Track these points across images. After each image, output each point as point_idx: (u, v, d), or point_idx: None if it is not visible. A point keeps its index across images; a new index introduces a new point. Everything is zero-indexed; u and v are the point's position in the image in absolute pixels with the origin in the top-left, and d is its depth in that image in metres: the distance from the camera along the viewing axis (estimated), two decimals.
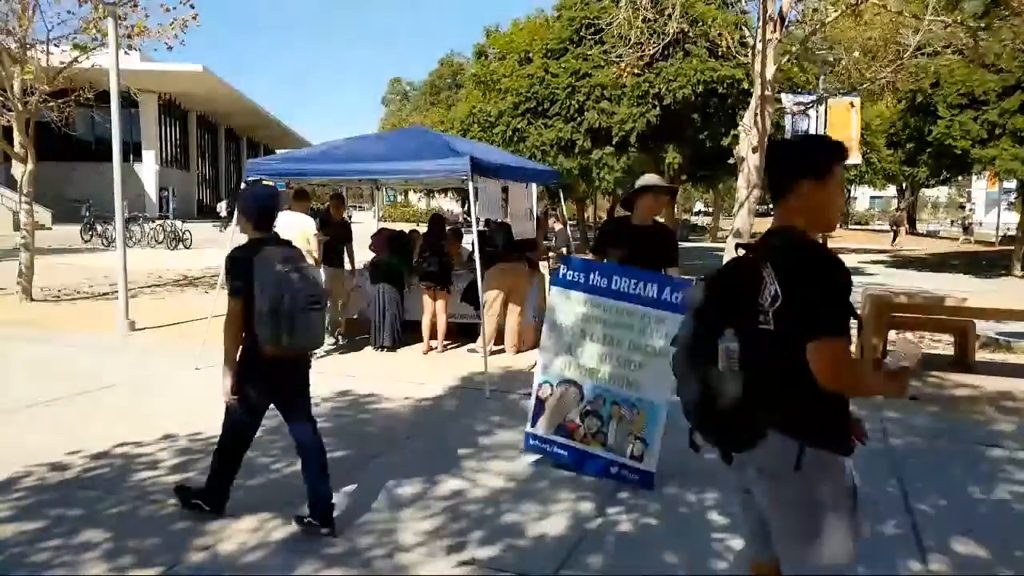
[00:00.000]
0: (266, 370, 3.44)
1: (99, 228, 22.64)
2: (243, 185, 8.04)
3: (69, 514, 3.71)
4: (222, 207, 29.45)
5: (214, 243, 22.40)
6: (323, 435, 5.08)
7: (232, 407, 3.53)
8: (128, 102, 16.32)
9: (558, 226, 14.51)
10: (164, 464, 4.42)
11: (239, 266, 3.34)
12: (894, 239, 34.24)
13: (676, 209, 21.65)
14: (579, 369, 4.35)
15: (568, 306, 4.39)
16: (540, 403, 4.44)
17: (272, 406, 3.66)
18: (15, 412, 5.45)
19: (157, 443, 4.77)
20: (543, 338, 4.59)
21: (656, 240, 4.46)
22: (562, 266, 4.46)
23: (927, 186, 34.78)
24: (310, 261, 7.26)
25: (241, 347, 3.43)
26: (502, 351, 7.75)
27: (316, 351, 7.68)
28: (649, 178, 4.64)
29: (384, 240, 8.15)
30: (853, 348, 8.02)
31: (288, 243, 3.55)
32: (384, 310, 7.86)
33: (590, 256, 4.77)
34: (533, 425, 4.45)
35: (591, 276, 4.34)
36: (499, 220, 9.10)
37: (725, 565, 3.31)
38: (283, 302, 3.21)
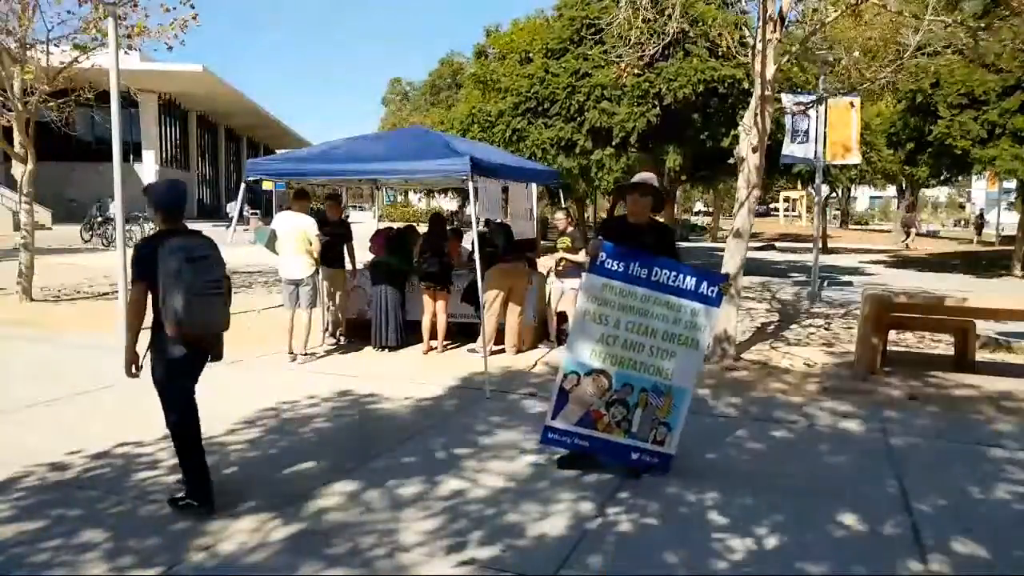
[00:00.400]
0: (176, 350, 3.67)
1: (99, 228, 22.64)
2: (243, 185, 8.06)
3: (69, 514, 3.71)
4: (233, 207, 29.40)
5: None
6: (324, 435, 5.11)
7: (164, 394, 3.77)
8: (128, 102, 16.29)
9: (569, 228, 14.48)
10: (164, 464, 4.42)
11: (143, 254, 3.60)
12: (906, 239, 34.09)
13: (676, 209, 21.64)
14: (611, 358, 4.33)
15: (606, 295, 4.34)
16: (564, 394, 4.37)
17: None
18: (15, 412, 5.46)
19: (157, 443, 4.77)
20: (573, 328, 4.59)
21: (656, 237, 4.47)
22: (602, 254, 4.37)
23: (927, 186, 34.75)
24: (311, 260, 7.32)
25: (153, 330, 3.69)
26: (502, 351, 7.76)
27: (316, 350, 7.73)
28: (639, 176, 4.69)
29: (383, 240, 8.14)
30: (853, 348, 8.03)
31: (196, 233, 3.80)
32: (387, 311, 7.87)
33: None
34: (554, 417, 4.39)
35: (631, 266, 4.33)
36: (499, 220, 9.11)
37: (725, 565, 3.31)
38: (182, 287, 3.48)
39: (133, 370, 3.77)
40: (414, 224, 8.81)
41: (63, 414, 5.45)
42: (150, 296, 3.61)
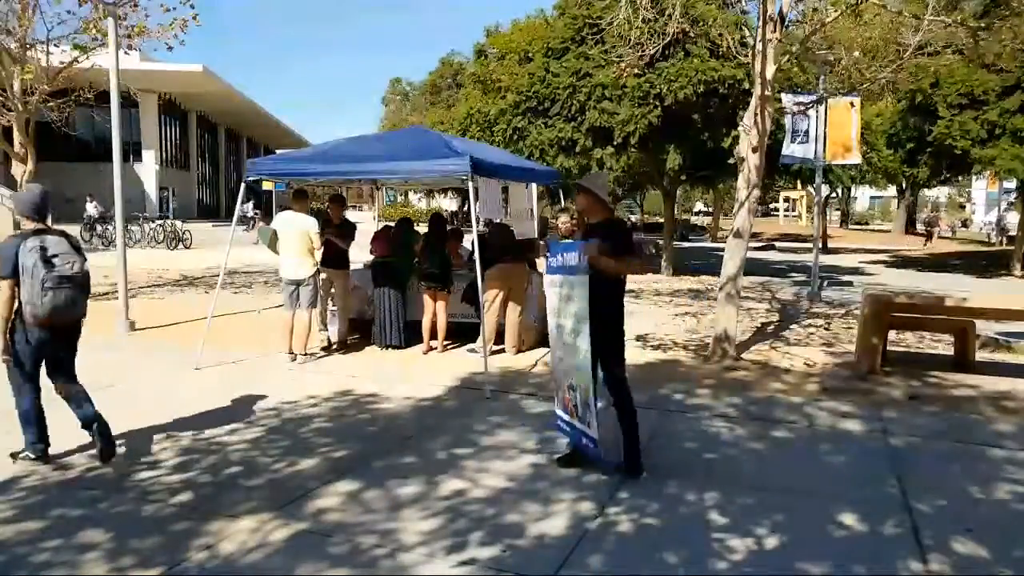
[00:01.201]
0: (32, 335, 4.18)
1: (99, 228, 22.67)
2: (243, 185, 8.06)
3: (70, 514, 3.71)
4: (248, 208, 29.36)
5: (215, 243, 22.41)
6: (324, 435, 5.11)
7: (10, 367, 4.25)
8: (128, 102, 16.27)
9: (575, 232, 14.46)
10: (165, 464, 4.43)
11: (7, 253, 4.08)
12: (927, 240, 33.98)
13: (676, 209, 21.64)
14: (560, 345, 4.52)
15: (551, 289, 4.60)
16: (554, 381, 4.69)
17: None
18: (15, 412, 5.44)
19: (158, 443, 4.78)
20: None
21: (604, 230, 4.41)
22: (547, 254, 4.63)
23: (927, 186, 34.76)
24: (311, 260, 7.32)
25: (15, 317, 4.16)
26: (502, 351, 7.76)
27: (316, 350, 7.73)
28: (585, 177, 4.76)
29: (385, 241, 8.12)
30: (853, 348, 8.03)
31: (58, 232, 4.28)
32: (391, 312, 7.88)
33: None
34: (556, 405, 4.72)
35: (557, 258, 4.51)
36: (499, 220, 9.11)
37: (725, 565, 3.31)
38: (36, 280, 4.03)
39: (5, 356, 4.18)
40: (408, 216, 8.78)
41: (63, 414, 5.44)
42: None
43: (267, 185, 30.16)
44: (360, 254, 8.54)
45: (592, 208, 4.55)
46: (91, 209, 24.29)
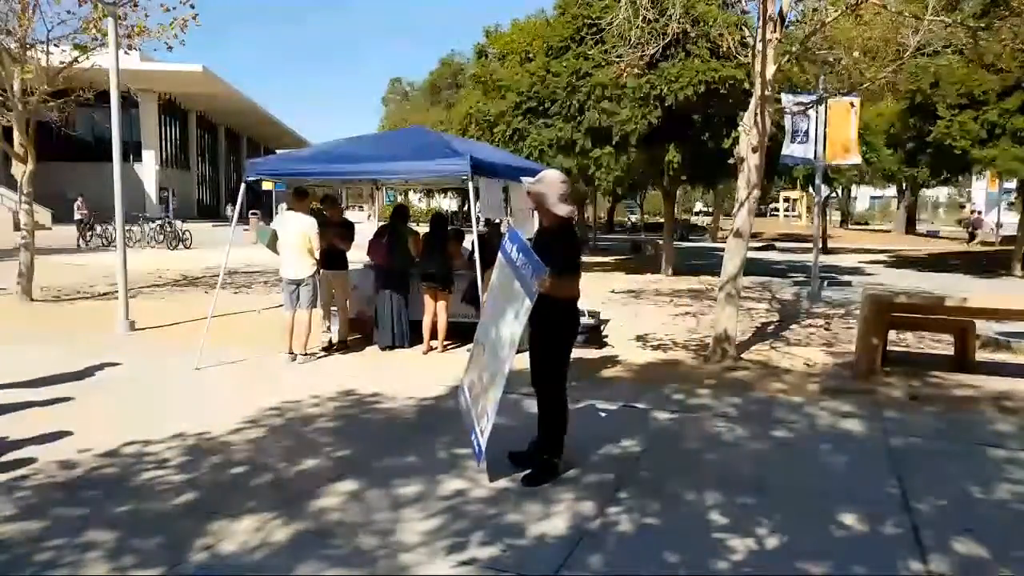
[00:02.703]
0: None
1: (98, 228, 22.69)
2: (243, 185, 8.06)
3: (72, 514, 3.72)
4: (231, 210, 29.43)
5: (215, 243, 22.41)
6: (324, 434, 5.11)
7: None
8: (128, 102, 16.27)
9: None
10: (170, 464, 4.43)
11: None
12: (970, 241, 33.87)
13: (676, 209, 21.64)
14: (484, 331, 4.46)
15: (496, 270, 4.47)
16: (469, 358, 4.61)
17: None
18: (18, 412, 5.46)
19: (158, 443, 4.78)
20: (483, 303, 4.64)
21: (550, 245, 4.13)
22: (506, 238, 4.42)
23: (927, 186, 34.75)
24: (311, 260, 7.31)
25: None
26: None
27: (316, 350, 7.72)
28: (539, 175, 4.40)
29: (382, 250, 8.07)
30: (853, 348, 8.03)
31: None
32: (391, 312, 7.89)
33: None
34: (463, 377, 4.67)
35: (512, 250, 4.25)
36: (499, 220, 9.10)
37: (725, 565, 3.31)
38: None
39: None
40: (402, 205, 8.74)
41: (63, 415, 5.45)
42: None
43: (267, 185, 30.25)
44: (358, 253, 8.54)
45: (541, 210, 4.21)
46: (80, 208, 24.37)
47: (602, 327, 8.89)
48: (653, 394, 6.21)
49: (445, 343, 7.87)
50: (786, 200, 54.64)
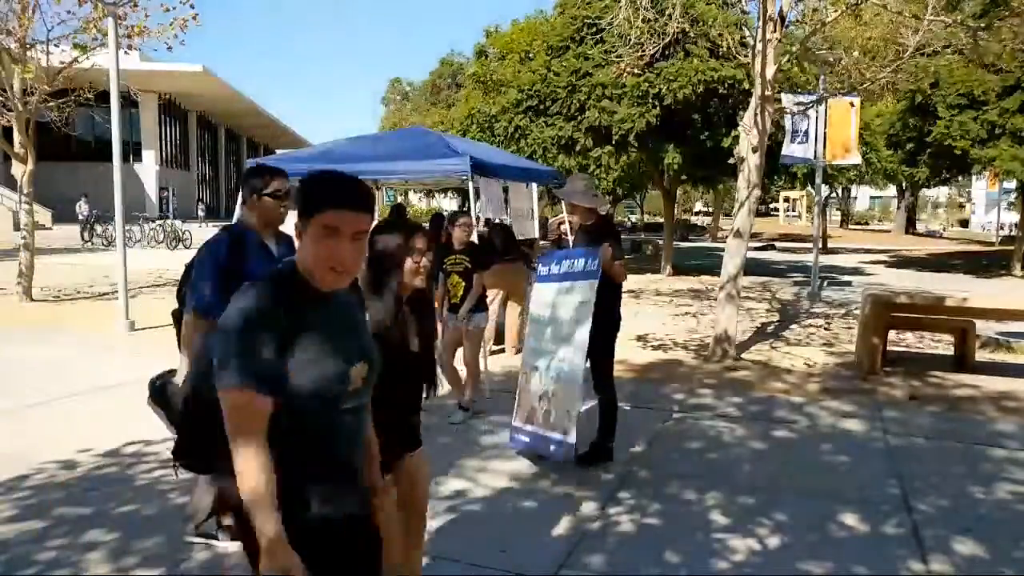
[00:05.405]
0: None
1: (99, 228, 22.69)
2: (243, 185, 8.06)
3: (73, 513, 3.71)
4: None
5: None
6: None
7: None
8: (128, 102, 16.30)
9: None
10: (167, 464, 4.42)
11: None
12: None
13: (676, 209, 21.64)
14: (538, 354, 4.55)
15: (538, 297, 4.64)
16: (519, 393, 4.68)
17: None
18: (16, 412, 5.46)
19: (159, 443, 4.77)
20: (526, 334, 4.84)
21: (604, 236, 4.48)
22: (540, 264, 4.70)
23: (927, 186, 34.76)
24: None
25: None
26: (502, 351, 7.76)
27: None
28: (567, 184, 4.87)
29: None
30: (854, 348, 8.02)
31: None
32: None
33: None
34: (514, 418, 4.66)
35: (551, 267, 4.58)
36: (499, 220, 9.10)
37: (725, 565, 3.31)
38: None
39: None
40: (400, 204, 8.72)
41: (64, 414, 5.45)
42: None
43: None
44: None
45: (577, 212, 4.61)
46: (83, 208, 24.37)
47: None
48: (653, 394, 6.20)
49: None
50: (786, 200, 54.60)
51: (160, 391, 3.02)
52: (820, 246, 14.27)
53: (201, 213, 32.86)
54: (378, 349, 1.87)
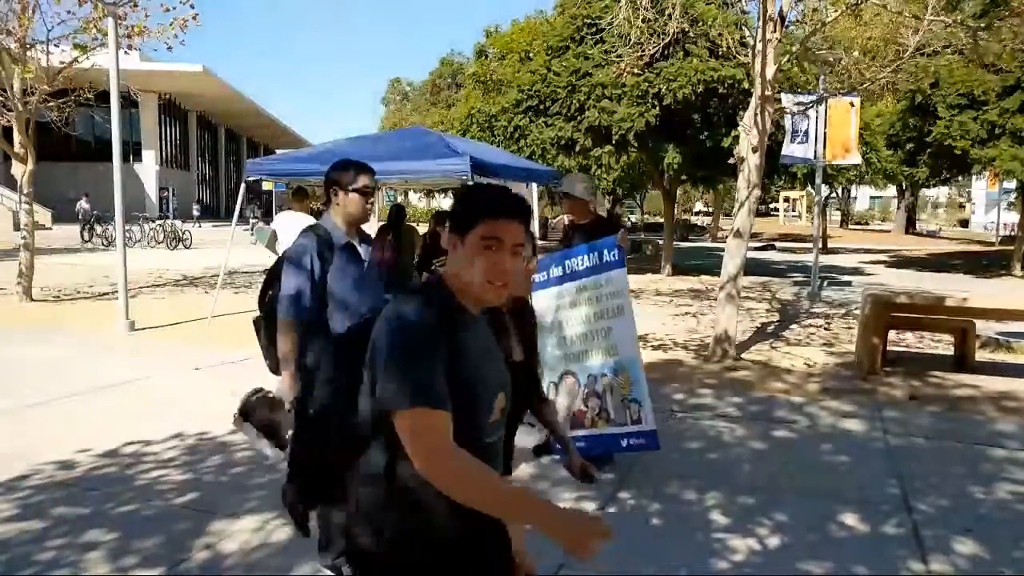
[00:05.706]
0: None
1: (99, 228, 22.70)
2: (243, 185, 8.07)
3: (73, 513, 3.71)
4: (253, 211, 29.31)
5: (214, 243, 22.41)
6: None
7: None
8: (128, 102, 16.29)
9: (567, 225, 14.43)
10: (171, 463, 4.43)
11: None
12: None
13: (676, 209, 21.64)
14: (570, 358, 4.53)
15: (545, 304, 4.59)
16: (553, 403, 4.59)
17: None
18: (16, 412, 5.46)
19: (159, 443, 4.78)
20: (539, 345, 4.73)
21: (601, 230, 4.57)
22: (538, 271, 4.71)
23: (927, 186, 34.76)
24: None
25: None
26: None
27: None
28: (564, 180, 4.92)
29: (391, 252, 8.01)
30: (853, 348, 8.02)
31: None
32: None
33: None
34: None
35: (551, 270, 4.56)
36: None
37: (725, 565, 3.31)
38: None
39: None
40: (399, 205, 8.70)
41: (64, 414, 5.45)
42: None
43: (267, 185, 30.28)
44: None
45: (575, 209, 4.68)
46: (83, 205, 24.40)
47: None
48: (653, 394, 6.19)
49: None
50: (786, 200, 54.61)
51: (254, 410, 2.81)
52: (820, 246, 14.27)
53: (196, 213, 32.78)
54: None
